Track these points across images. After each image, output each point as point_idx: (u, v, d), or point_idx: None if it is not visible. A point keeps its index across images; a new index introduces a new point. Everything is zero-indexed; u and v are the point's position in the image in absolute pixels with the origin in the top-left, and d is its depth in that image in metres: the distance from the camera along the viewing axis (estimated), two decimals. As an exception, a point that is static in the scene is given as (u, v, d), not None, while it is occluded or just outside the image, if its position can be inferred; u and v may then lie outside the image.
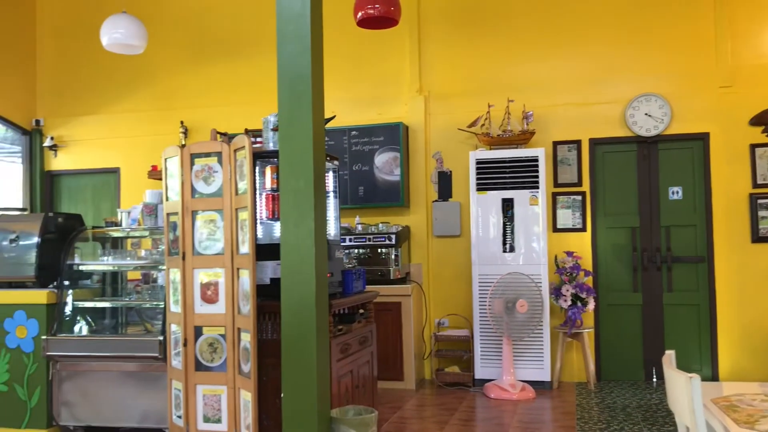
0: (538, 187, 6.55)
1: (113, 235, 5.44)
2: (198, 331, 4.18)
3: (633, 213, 6.90)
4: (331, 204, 4.61)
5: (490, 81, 7.20)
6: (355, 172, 7.30)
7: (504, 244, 6.62)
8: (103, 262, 5.19)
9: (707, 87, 6.70)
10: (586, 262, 6.86)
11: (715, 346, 6.61)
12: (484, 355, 6.63)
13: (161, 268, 4.88)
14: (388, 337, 6.63)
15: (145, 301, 5.10)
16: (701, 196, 6.72)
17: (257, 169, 4.20)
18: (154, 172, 7.72)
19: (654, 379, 6.76)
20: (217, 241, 4.16)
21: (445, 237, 7.25)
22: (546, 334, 6.45)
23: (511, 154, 6.64)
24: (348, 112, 7.31)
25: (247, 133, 4.41)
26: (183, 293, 4.21)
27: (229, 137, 4.80)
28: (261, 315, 4.04)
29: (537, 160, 6.56)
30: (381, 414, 5.27)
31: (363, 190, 7.27)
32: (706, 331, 6.66)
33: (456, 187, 7.23)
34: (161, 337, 4.55)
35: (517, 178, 6.60)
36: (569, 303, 6.46)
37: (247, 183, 3.94)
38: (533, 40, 7.12)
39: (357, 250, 6.91)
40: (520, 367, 6.48)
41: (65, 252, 5.12)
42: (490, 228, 6.66)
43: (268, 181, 4.19)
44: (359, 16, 5.51)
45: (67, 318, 5.03)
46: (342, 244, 5.87)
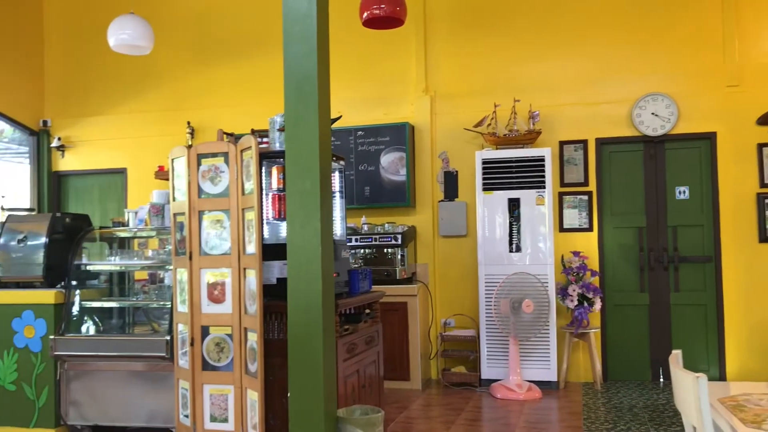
0: (544, 186, 6.54)
1: (120, 235, 5.46)
2: (205, 331, 4.18)
3: (640, 213, 6.88)
4: (337, 204, 4.61)
5: (496, 81, 7.19)
6: (361, 172, 7.30)
7: (510, 244, 6.62)
8: (111, 262, 5.21)
9: (714, 86, 6.67)
10: (593, 262, 6.85)
11: (723, 346, 6.58)
12: (490, 355, 6.62)
13: (168, 268, 4.90)
14: (394, 337, 6.63)
15: (152, 301, 5.11)
16: (708, 196, 6.70)
17: (264, 169, 4.20)
18: (160, 173, 7.75)
19: (661, 380, 6.74)
20: (223, 241, 4.16)
21: (451, 237, 7.25)
22: (552, 334, 6.45)
23: (518, 153, 6.64)
24: (354, 112, 7.32)
25: (254, 133, 4.42)
26: (190, 293, 4.22)
27: (235, 137, 4.81)
28: (267, 315, 4.04)
29: (543, 160, 6.55)
30: (387, 414, 5.27)
31: (369, 190, 7.27)
32: (713, 331, 6.64)
33: (462, 187, 7.22)
34: (168, 337, 4.57)
35: (523, 177, 6.59)
36: (576, 303, 6.46)
37: (253, 183, 3.95)
38: (539, 40, 7.11)
39: (363, 250, 6.91)
40: (527, 367, 6.47)
41: (73, 252, 5.14)
42: (497, 228, 6.66)
43: (274, 182, 4.19)
44: (365, 16, 5.52)
45: (75, 318, 5.05)
46: (348, 244, 5.88)
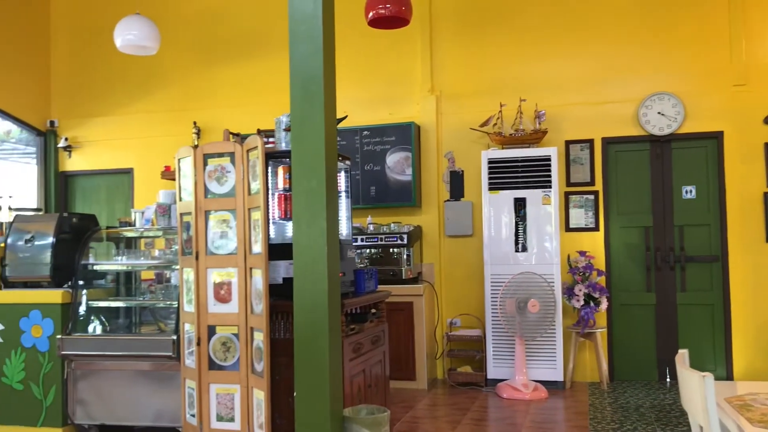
0: (550, 186, 6.53)
1: (127, 235, 5.47)
2: (211, 331, 4.19)
3: (646, 212, 6.87)
4: (343, 204, 4.62)
5: (501, 80, 7.19)
6: (367, 172, 7.31)
7: (516, 243, 6.61)
8: (117, 261, 5.23)
9: (721, 85, 6.65)
10: (599, 262, 6.84)
11: (730, 346, 6.56)
12: (496, 354, 6.62)
13: (174, 267, 4.92)
14: (400, 336, 6.63)
15: (158, 301, 5.13)
16: (715, 196, 6.68)
17: (270, 169, 4.21)
18: (167, 173, 7.77)
19: (667, 380, 6.72)
20: (230, 240, 4.18)
21: (457, 237, 7.25)
22: (559, 334, 6.44)
23: (524, 153, 6.63)
24: (360, 112, 7.32)
25: (260, 133, 4.43)
26: (196, 293, 4.23)
27: (241, 137, 4.82)
28: (274, 314, 4.05)
29: (549, 160, 6.54)
30: (393, 413, 5.27)
31: (375, 189, 7.27)
32: (720, 331, 6.62)
33: (468, 186, 7.22)
34: (175, 337, 4.58)
35: (529, 177, 6.58)
36: (582, 303, 6.45)
37: (259, 183, 3.96)
38: (545, 39, 7.10)
39: (369, 250, 6.92)
40: (533, 366, 6.47)
41: (80, 252, 5.16)
42: (503, 228, 6.66)
43: (280, 181, 4.20)
44: (370, 16, 5.52)
45: (82, 317, 5.07)
46: (354, 243, 5.88)
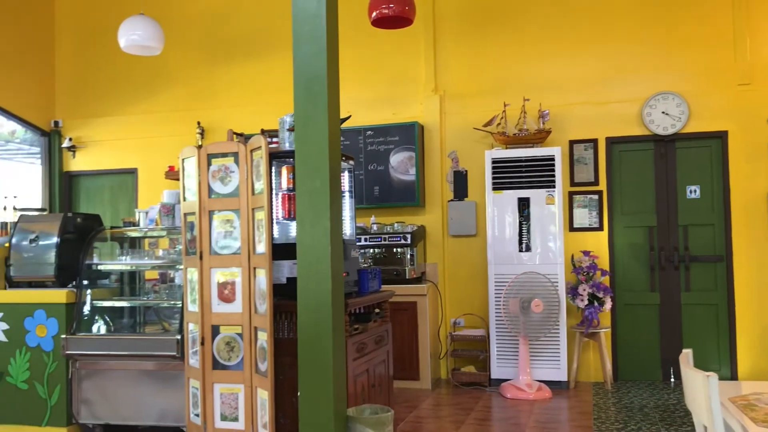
0: (554, 186, 6.52)
1: (131, 235, 5.48)
2: (215, 330, 4.20)
3: (650, 212, 6.86)
4: (347, 204, 4.62)
5: (505, 80, 7.18)
6: (371, 172, 7.31)
7: (520, 243, 6.61)
8: (121, 261, 5.24)
9: (725, 85, 6.64)
10: (603, 262, 6.83)
11: (734, 346, 6.55)
12: (500, 354, 6.61)
13: (178, 267, 4.92)
14: (403, 336, 6.63)
15: (162, 301, 5.14)
16: (719, 195, 6.67)
17: (273, 169, 4.22)
18: (171, 173, 7.78)
19: (672, 380, 6.71)
20: (233, 240, 4.18)
21: (460, 236, 7.25)
22: (563, 334, 6.43)
23: (527, 153, 6.62)
24: (363, 111, 7.32)
25: (264, 133, 4.43)
26: (200, 292, 4.24)
27: (245, 137, 4.82)
28: (277, 314, 4.06)
29: (553, 159, 6.53)
30: (397, 413, 5.27)
31: (378, 189, 7.28)
32: (724, 330, 6.61)
33: (472, 186, 7.22)
34: (179, 336, 4.59)
35: (533, 177, 6.58)
36: (586, 302, 6.44)
37: (263, 183, 3.96)
38: (549, 39, 7.09)
39: (372, 250, 6.92)
40: (537, 366, 6.46)
41: (84, 252, 5.17)
42: (506, 227, 6.65)
43: (284, 181, 4.20)
44: (374, 15, 5.52)
45: (86, 317, 5.08)
46: (357, 243, 5.88)
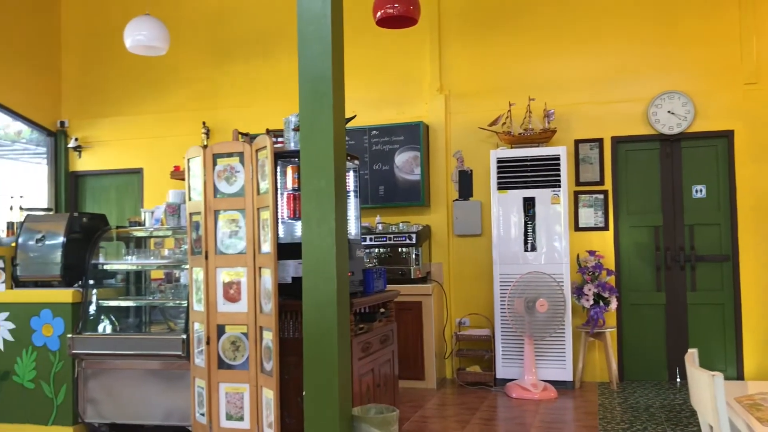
0: (559, 185, 6.51)
1: (137, 234, 5.50)
2: (221, 330, 4.21)
3: (656, 211, 6.84)
4: (352, 203, 4.62)
5: (510, 79, 7.17)
6: (376, 172, 7.31)
7: (525, 243, 6.60)
8: (127, 261, 5.25)
9: (732, 84, 6.61)
10: (609, 261, 6.82)
11: (740, 345, 6.53)
12: (505, 354, 6.61)
13: (184, 267, 4.93)
14: (408, 336, 6.63)
15: (168, 300, 5.15)
16: (726, 195, 6.64)
17: (279, 168, 4.22)
18: (176, 173, 7.78)
19: (678, 380, 6.70)
20: (239, 240, 4.19)
21: (465, 236, 7.24)
22: (568, 334, 6.42)
23: (533, 152, 6.61)
24: (368, 111, 7.32)
25: (269, 133, 4.44)
26: (206, 292, 4.25)
27: (250, 137, 4.83)
28: (283, 314, 4.06)
29: (558, 159, 6.52)
30: (402, 413, 5.27)
31: (383, 189, 7.28)
32: (731, 330, 6.58)
33: (477, 186, 7.21)
34: (184, 336, 4.60)
35: (538, 176, 6.57)
36: (591, 302, 6.43)
37: (268, 183, 3.97)
38: (554, 38, 7.08)
39: (378, 250, 6.92)
40: (542, 366, 6.45)
41: (90, 251, 5.18)
42: (512, 227, 6.64)
43: (289, 181, 4.21)
44: (378, 15, 5.52)
45: (92, 317, 5.10)
46: (363, 243, 5.87)
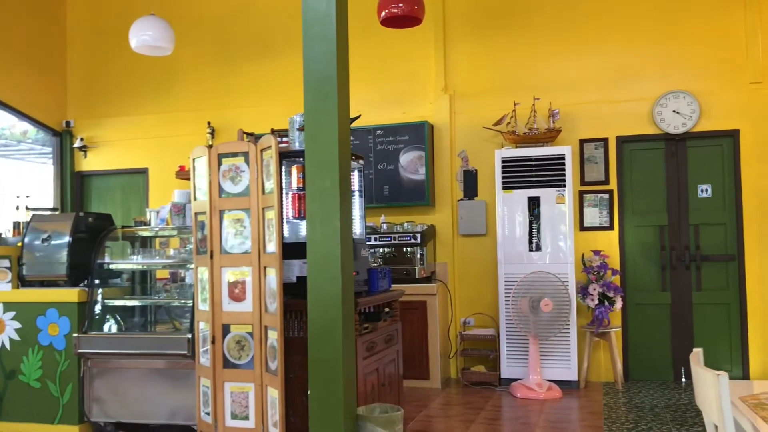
0: (564, 185, 6.51)
1: (142, 234, 5.51)
2: (226, 329, 4.22)
3: (661, 211, 6.83)
4: (357, 203, 4.62)
5: (515, 79, 7.17)
6: (380, 171, 7.32)
7: (530, 243, 6.59)
8: (133, 261, 5.26)
9: (737, 83, 6.60)
10: (614, 261, 6.81)
11: (746, 345, 6.51)
12: (510, 354, 6.60)
13: (189, 266, 4.94)
14: (413, 335, 6.64)
15: (173, 300, 5.16)
16: (731, 194, 6.63)
17: (283, 168, 4.23)
18: (181, 173, 7.81)
19: (683, 379, 6.68)
20: (244, 239, 4.20)
21: (470, 236, 7.24)
22: (573, 334, 6.41)
23: (537, 152, 6.61)
24: (373, 111, 7.32)
25: (274, 133, 4.44)
26: (211, 291, 4.26)
27: (255, 137, 4.84)
28: (288, 313, 4.07)
29: (563, 159, 6.52)
30: (407, 412, 5.28)
31: (388, 189, 7.28)
32: (736, 330, 6.57)
33: (481, 185, 7.21)
34: (189, 335, 4.61)
35: (543, 176, 6.56)
36: (596, 302, 6.42)
37: (273, 182, 3.97)
38: (559, 38, 7.08)
39: (382, 249, 6.93)
40: (547, 366, 6.45)
41: (95, 251, 5.20)
42: (516, 227, 6.64)
43: (294, 181, 4.22)
44: (383, 15, 5.52)
45: (98, 316, 5.11)
46: (367, 243, 5.87)
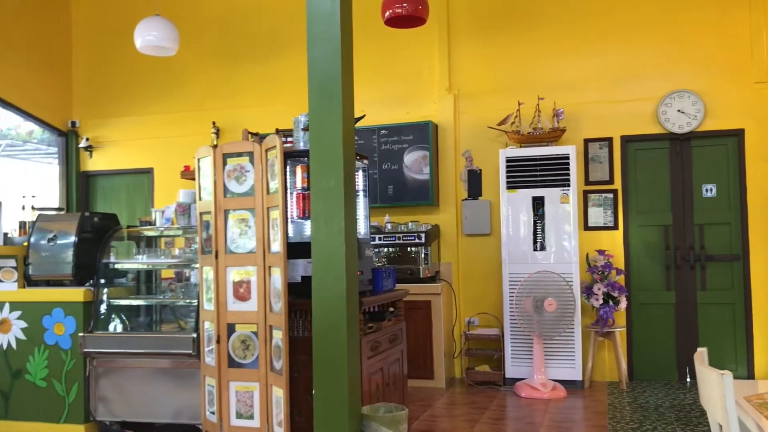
0: (569, 185, 6.50)
1: (147, 234, 5.53)
2: (231, 329, 4.23)
3: (666, 211, 6.82)
4: (361, 203, 4.63)
5: (519, 79, 7.16)
6: (385, 171, 7.32)
7: (535, 242, 6.59)
8: (138, 260, 5.28)
9: (742, 82, 6.59)
10: (618, 261, 6.80)
11: (751, 345, 6.50)
12: (514, 354, 6.60)
13: (194, 266, 4.96)
14: (418, 335, 6.64)
15: (178, 299, 5.18)
16: (736, 194, 6.62)
17: (288, 168, 4.24)
18: (186, 172, 7.83)
19: (688, 379, 6.67)
20: (249, 239, 4.21)
21: (475, 235, 7.24)
22: (577, 333, 6.41)
23: (542, 151, 6.61)
24: (377, 111, 7.33)
25: (278, 132, 4.46)
26: (216, 291, 4.27)
27: (260, 137, 4.86)
28: (292, 313, 4.08)
29: (568, 158, 6.51)
30: (411, 412, 5.28)
31: (392, 188, 7.29)
32: (741, 330, 6.56)
33: (486, 185, 7.21)
34: (195, 335, 4.62)
35: (547, 176, 6.56)
36: (601, 302, 6.42)
37: (278, 182, 3.98)
38: (563, 37, 7.07)
39: (387, 249, 6.93)
40: (552, 366, 6.45)
41: (101, 251, 5.21)
42: (521, 226, 6.64)
43: (298, 181, 4.23)
44: (387, 15, 5.53)
45: (103, 315, 5.13)
46: (372, 242, 5.87)
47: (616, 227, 6.87)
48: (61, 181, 8.69)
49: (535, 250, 6.58)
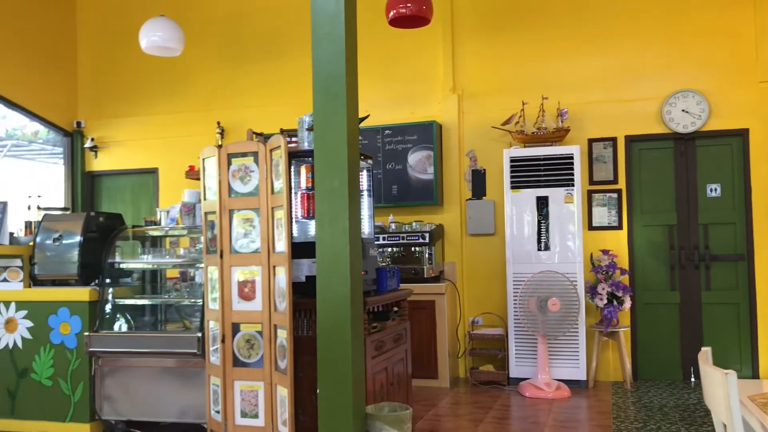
0: (573, 184, 6.50)
1: (152, 233, 5.54)
2: (235, 328, 4.24)
3: (670, 211, 6.81)
4: (365, 202, 4.64)
5: (523, 78, 7.17)
6: (389, 171, 7.33)
7: (539, 242, 6.60)
8: (143, 260, 5.30)
9: (747, 82, 6.58)
10: (623, 261, 6.80)
11: (756, 345, 6.49)
12: (518, 353, 6.61)
13: (199, 266, 4.97)
14: (422, 335, 6.65)
15: (183, 299, 5.19)
16: (740, 194, 6.61)
17: (293, 168, 4.25)
18: (191, 172, 7.85)
19: (692, 379, 6.67)
20: (253, 239, 4.22)
21: (479, 235, 7.25)
22: (582, 333, 6.41)
23: (546, 151, 6.61)
24: (381, 111, 7.34)
25: (283, 132, 4.47)
26: (221, 290, 4.28)
27: (265, 137, 4.87)
28: (297, 312, 4.09)
29: (572, 158, 6.51)
30: (416, 411, 5.29)
31: (396, 188, 7.29)
32: (745, 330, 6.55)
33: (490, 185, 7.21)
34: (199, 334, 4.63)
35: (551, 175, 6.56)
36: (605, 302, 6.41)
37: (282, 182, 4.00)
38: (567, 37, 7.07)
39: (391, 249, 6.94)
40: (556, 366, 6.45)
41: (106, 250, 5.23)
42: (525, 226, 6.64)
43: (303, 180, 4.24)
44: (391, 15, 5.54)
45: (109, 315, 5.15)
46: (376, 242, 5.90)
47: (620, 227, 6.87)
48: (67, 181, 8.72)
49: (539, 249, 6.59)
